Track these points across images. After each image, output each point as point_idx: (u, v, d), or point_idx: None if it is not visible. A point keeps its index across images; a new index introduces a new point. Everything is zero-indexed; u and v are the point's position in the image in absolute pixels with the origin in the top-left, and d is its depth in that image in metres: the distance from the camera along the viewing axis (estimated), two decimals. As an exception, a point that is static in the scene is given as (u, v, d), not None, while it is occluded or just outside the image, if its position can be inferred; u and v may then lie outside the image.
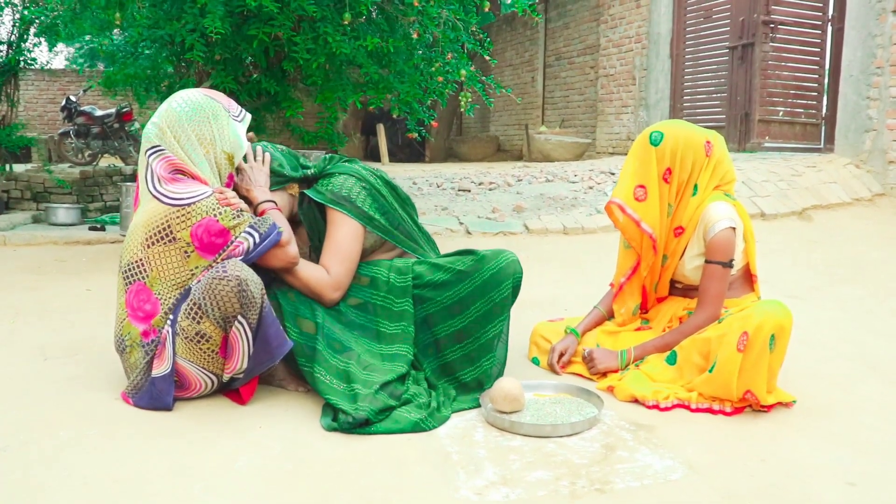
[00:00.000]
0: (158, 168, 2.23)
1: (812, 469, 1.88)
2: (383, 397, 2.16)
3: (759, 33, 8.07)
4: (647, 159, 2.53)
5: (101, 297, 3.73)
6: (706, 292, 2.49)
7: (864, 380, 2.59)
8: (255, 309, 2.12)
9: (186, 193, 2.19)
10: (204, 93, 2.36)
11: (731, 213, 2.51)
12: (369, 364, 2.30)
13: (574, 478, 1.82)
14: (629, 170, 2.57)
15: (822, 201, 6.30)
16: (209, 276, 2.11)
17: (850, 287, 4.10)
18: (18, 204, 7.27)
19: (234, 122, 2.36)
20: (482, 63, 11.34)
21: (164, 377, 2.18)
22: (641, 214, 2.53)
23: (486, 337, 2.38)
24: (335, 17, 4.28)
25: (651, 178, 2.52)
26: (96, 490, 1.73)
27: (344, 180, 2.49)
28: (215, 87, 4.45)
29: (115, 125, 9.90)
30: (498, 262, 2.38)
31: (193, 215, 2.17)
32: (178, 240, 2.19)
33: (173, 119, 2.27)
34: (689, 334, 2.44)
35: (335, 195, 2.46)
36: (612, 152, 10.56)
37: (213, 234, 2.19)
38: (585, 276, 4.31)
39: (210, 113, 2.31)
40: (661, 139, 2.51)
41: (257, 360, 2.19)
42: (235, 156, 2.37)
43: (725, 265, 2.48)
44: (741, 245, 2.55)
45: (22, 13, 6.45)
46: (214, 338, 2.17)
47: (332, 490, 1.75)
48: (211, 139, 2.30)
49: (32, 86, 16.52)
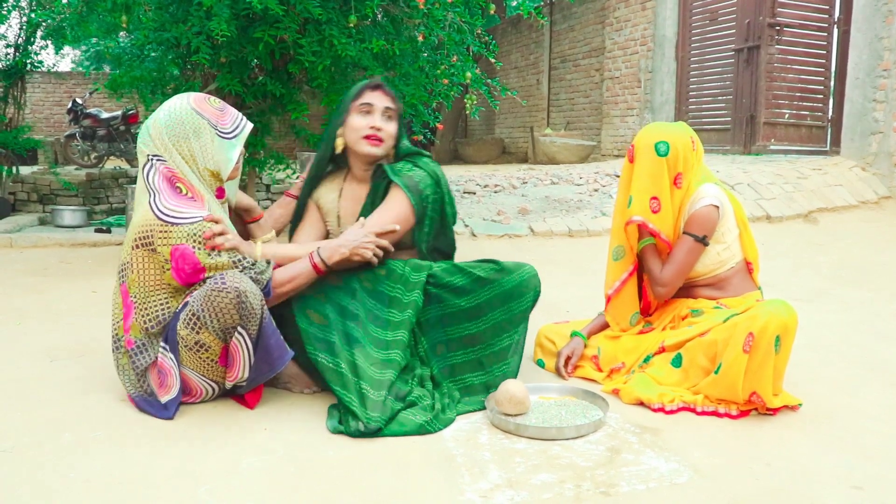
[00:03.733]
0: (160, 175, 2.22)
1: (818, 473, 1.87)
2: (392, 402, 2.16)
3: (764, 35, 8.05)
4: (659, 171, 2.54)
5: (107, 299, 3.74)
6: (671, 260, 2.56)
7: (870, 383, 2.58)
8: (254, 320, 2.11)
9: (175, 212, 2.17)
10: (193, 105, 2.27)
11: (718, 194, 2.55)
12: (374, 359, 2.27)
13: (579, 480, 1.81)
14: (640, 185, 2.57)
15: (828, 204, 6.28)
16: (207, 286, 2.09)
17: (855, 290, 4.08)
18: (25, 206, 7.30)
19: (221, 139, 2.27)
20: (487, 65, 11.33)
21: (171, 401, 2.18)
22: (660, 226, 2.56)
23: (500, 345, 2.39)
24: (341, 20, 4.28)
25: (664, 188, 2.54)
26: (100, 492, 1.73)
27: (424, 176, 2.53)
28: (220, 89, 4.46)
29: (121, 127, 9.91)
30: (521, 273, 2.41)
31: (174, 236, 2.14)
32: (158, 253, 2.17)
33: (159, 129, 2.24)
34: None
35: (409, 180, 2.50)
36: (617, 155, 10.55)
37: (190, 267, 2.15)
38: (590, 278, 4.30)
39: (191, 129, 2.23)
40: (669, 149, 2.54)
41: (259, 371, 2.19)
42: (221, 172, 2.30)
43: (698, 239, 2.51)
44: (733, 231, 2.57)
45: (29, 16, 6.48)
46: (214, 348, 2.16)
47: (336, 492, 1.75)
48: (191, 155, 2.24)
49: (39, 88, 16.56)
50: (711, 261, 2.56)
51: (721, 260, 2.56)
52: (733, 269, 2.58)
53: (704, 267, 2.57)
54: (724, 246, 2.56)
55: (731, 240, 2.56)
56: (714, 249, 2.55)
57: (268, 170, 5.99)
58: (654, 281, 2.61)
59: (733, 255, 2.57)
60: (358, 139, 2.53)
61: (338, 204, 2.64)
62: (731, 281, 2.58)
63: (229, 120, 2.31)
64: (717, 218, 2.51)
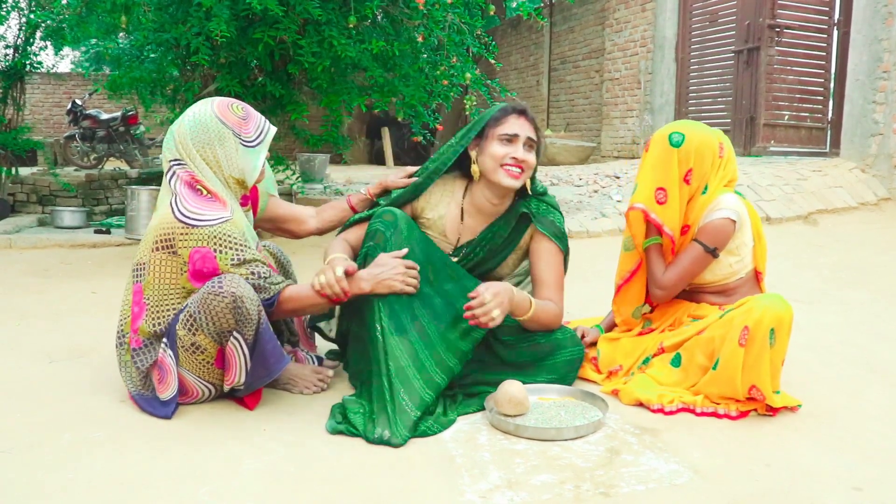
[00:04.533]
0: (180, 180, 2.21)
1: (817, 474, 1.87)
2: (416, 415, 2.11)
3: (764, 37, 8.05)
4: (668, 161, 2.49)
5: (107, 300, 3.74)
6: (676, 264, 2.53)
7: (870, 384, 2.58)
8: (251, 325, 2.10)
9: (196, 213, 2.16)
10: (218, 112, 2.24)
11: (738, 207, 2.49)
12: (429, 371, 2.24)
13: (578, 481, 1.81)
14: (648, 173, 2.53)
15: (828, 206, 6.28)
16: (204, 289, 2.08)
17: (855, 291, 4.08)
18: (24, 207, 7.30)
19: (246, 147, 2.25)
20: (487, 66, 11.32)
21: (169, 399, 2.18)
22: (663, 218, 2.51)
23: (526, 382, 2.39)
24: (340, 21, 4.29)
25: (672, 180, 2.49)
26: (101, 493, 1.73)
27: (559, 218, 2.55)
28: (220, 90, 4.46)
29: (121, 128, 9.92)
30: (573, 353, 2.47)
31: (196, 238, 2.14)
32: (178, 255, 2.16)
33: (184, 135, 2.23)
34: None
35: (556, 229, 2.51)
36: (617, 156, 10.55)
37: (208, 270, 2.14)
38: (590, 280, 4.30)
39: (215, 137, 2.22)
40: (683, 140, 2.49)
41: (255, 376, 2.19)
42: (247, 180, 2.30)
43: (708, 250, 2.47)
44: (749, 244, 2.53)
45: (28, 17, 6.47)
46: (209, 350, 2.16)
47: (336, 493, 1.75)
48: (216, 162, 2.23)
49: (38, 89, 16.56)
50: (723, 272, 2.54)
51: (733, 271, 2.54)
52: (742, 279, 2.55)
53: (714, 276, 2.55)
54: (738, 258, 2.52)
55: (746, 252, 2.53)
56: (727, 261, 2.52)
57: (267, 171, 5.98)
58: (654, 282, 2.59)
59: (745, 266, 2.55)
60: (496, 168, 2.41)
61: (459, 225, 2.55)
62: (740, 290, 2.55)
63: (252, 127, 2.29)
64: (731, 232, 2.47)
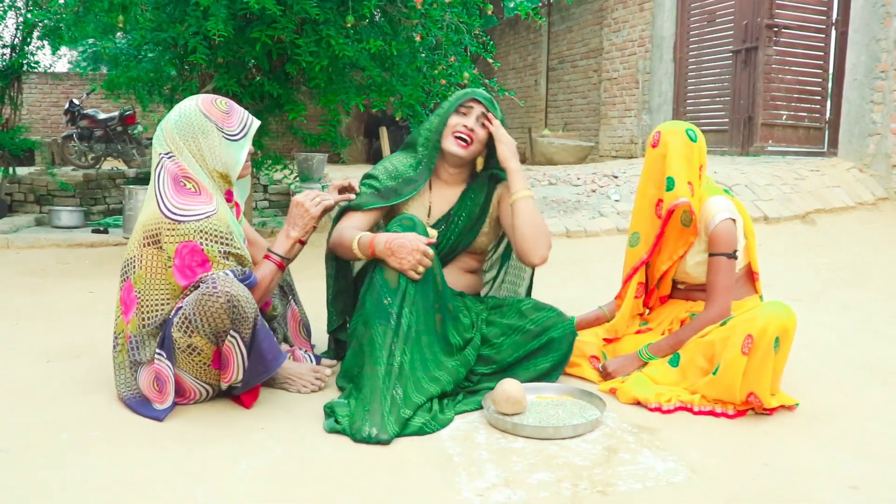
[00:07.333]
0: (167, 173, 2.22)
1: (814, 472, 1.87)
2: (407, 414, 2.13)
3: (762, 37, 8.07)
4: (691, 155, 2.53)
5: (104, 299, 3.74)
6: (714, 286, 2.48)
7: (867, 383, 2.58)
8: (247, 324, 2.11)
9: (182, 209, 2.17)
10: (201, 107, 2.28)
11: (730, 206, 2.52)
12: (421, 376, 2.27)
13: (576, 480, 1.81)
14: (682, 167, 2.52)
15: (826, 205, 6.29)
16: (200, 291, 2.08)
17: (853, 291, 4.09)
18: (22, 207, 7.28)
19: (229, 141, 2.28)
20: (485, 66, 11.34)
21: (165, 409, 2.18)
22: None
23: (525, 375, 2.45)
24: (338, 20, 4.28)
25: (694, 174, 2.53)
26: (98, 492, 1.73)
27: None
28: (218, 89, 4.45)
29: (118, 128, 9.90)
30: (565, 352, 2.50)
31: (182, 233, 2.15)
32: (165, 251, 2.18)
33: (171, 128, 2.26)
34: (701, 329, 2.42)
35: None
36: (615, 156, 10.56)
37: (196, 261, 2.16)
38: (588, 279, 4.31)
39: (199, 130, 2.25)
40: (697, 136, 2.56)
41: (253, 373, 2.19)
42: (230, 174, 2.31)
43: (730, 256, 2.47)
44: (742, 241, 2.55)
45: (25, 16, 6.46)
46: (206, 351, 2.16)
47: (333, 492, 1.75)
48: (200, 154, 2.25)
49: (36, 89, 16.52)
50: None
51: None
52: (736, 276, 2.56)
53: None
54: None
55: (740, 249, 2.54)
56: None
57: (265, 170, 5.98)
58: (709, 317, 2.47)
59: (739, 263, 2.55)
60: (448, 136, 2.59)
61: (429, 194, 2.67)
62: (735, 288, 2.56)
63: (236, 121, 2.32)
64: (736, 230, 2.49)
